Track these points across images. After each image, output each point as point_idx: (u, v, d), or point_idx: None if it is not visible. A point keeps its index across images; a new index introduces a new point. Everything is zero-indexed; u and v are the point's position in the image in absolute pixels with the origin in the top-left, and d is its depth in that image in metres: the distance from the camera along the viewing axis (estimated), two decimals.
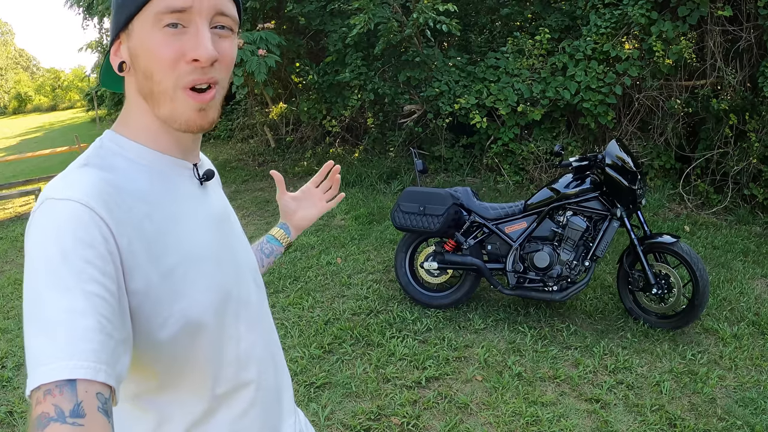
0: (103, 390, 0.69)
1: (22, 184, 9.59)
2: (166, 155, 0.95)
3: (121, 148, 0.91)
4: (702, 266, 3.69)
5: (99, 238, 0.77)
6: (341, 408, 3.23)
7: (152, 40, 0.84)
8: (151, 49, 0.84)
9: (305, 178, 8.80)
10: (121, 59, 0.90)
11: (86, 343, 0.69)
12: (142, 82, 0.88)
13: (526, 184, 7.32)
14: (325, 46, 8.34)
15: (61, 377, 0.66)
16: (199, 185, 1.00)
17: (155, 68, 0.85)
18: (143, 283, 0.83)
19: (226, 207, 1.09)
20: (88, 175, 0.84)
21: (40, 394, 0.66)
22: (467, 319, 4.14)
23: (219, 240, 0.99)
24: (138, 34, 0.86)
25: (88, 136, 17.75)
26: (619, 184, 3.79)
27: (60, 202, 0.77)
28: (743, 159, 6.33)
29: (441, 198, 4.09)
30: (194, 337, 0.90)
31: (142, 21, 0.85)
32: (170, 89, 0.86)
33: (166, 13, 0.83)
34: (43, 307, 0.70)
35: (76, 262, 0.73)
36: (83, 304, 0.71)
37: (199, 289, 0.90)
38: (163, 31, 0.84)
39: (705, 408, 3.12)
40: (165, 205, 0.90)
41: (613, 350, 3.68)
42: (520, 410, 3.13)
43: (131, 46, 0.87)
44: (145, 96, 0.90)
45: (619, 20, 6.77)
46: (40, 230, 0.76)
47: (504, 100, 7.12)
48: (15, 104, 44.16)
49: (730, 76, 6.42)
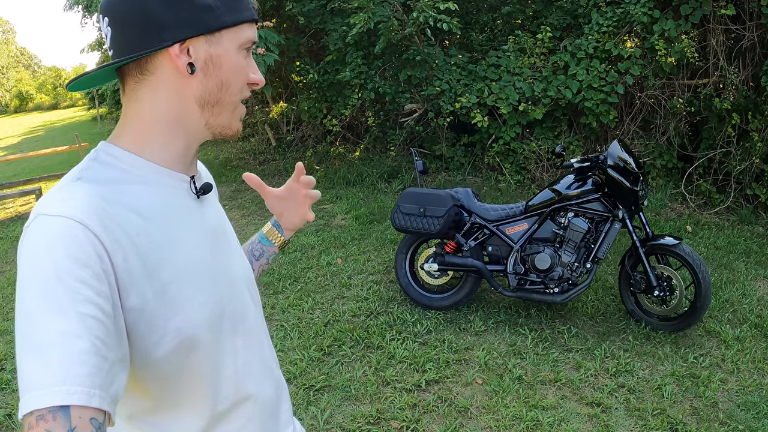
0: (97, 415, 0.69)
1: (23, 183, 9.58)
2: (163, 167, 0.93)
3: (117, 160, 0.90)
4: (704, 268, 3.66)
5: (93, 257, 0.76)
6: (340, 411, 3.21)
7: (238, 58, 0.93)
8: (237, 66, 0.93)
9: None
10: (191, 60, 0.89)
11: (80, 367, 0.68)
12: (213, 90, 0.92)
13: (527, 184, 7.29)
14: (325, 45, 8.32)
15: (54, 403, 0.66)
16: (195, 198, 0.99)
17: (234, 82, 0.94)
18: (138, 300, 0.82)
19: (222, 220, 1.08)
20: (82, 189, 0.82)
21: (33, 419, 0.65)
22: (468, 321, 4.12)
23: (214, 254, 0.98)
24: (226, 46, 0.91)
25: (89, 134, 17.78)
26: (621, 185, 3.75)
27: (53, 218, 0.76)
28: (746, 158, 6.29)
29: (441, 199, 4.06)
30: (190, 353, 0.90)
31: (232, 36, 0.91)
32: (236, 102, 0.96)
33: (249, 43, 0.94)
34: (36, 328, 0.69)
35: (70, 282, 0.72)
36: (77, 326, 0.70)
37: (194, 305, 0.89)
38: (243, 54, 0.94)
39: (707, 412, 3.09)
40: (160, 219, 0.89)
41: (615, 353, 3.65)
42: (521, 414, 3.10)
43: (215, 53, 0.90)
44: (208, 103, 0.93)
45: (621, 18, 6.74)
46: (33, 248, 0.75)
47: (505, 98, 7.09)
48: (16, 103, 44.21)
49: (733, 75, 6.38)
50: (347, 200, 7.35)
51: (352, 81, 7.81)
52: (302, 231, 6.30)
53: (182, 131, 0.93)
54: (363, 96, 7.95)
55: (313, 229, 6.35)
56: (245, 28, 0.92)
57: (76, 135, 11.43)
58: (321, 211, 7.10)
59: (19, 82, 48.83)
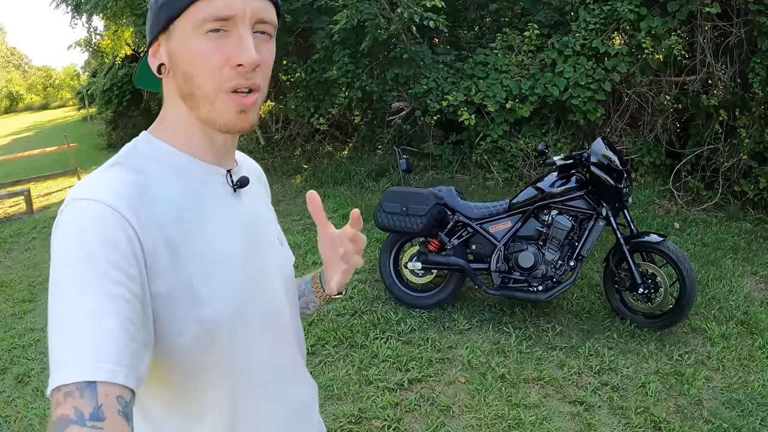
0: (124, 393, 0.70)
1: (11, 185, 9.52)
2: (199, 160, 0.94)
3: (155, 150, 0.91)
4: (689, 265, 3.64)
5: (124, 240, 0.77)
6: (323, 411, 3.17)
7: (195, 44, 0.84)
8: (194, 54, 0.85)
9: (294, 176, 8.77)
10: (161, 61, 0.90)
11: (109, 345, 0.70)
12: (182, 84, 0.88)
13: (515, 182, 7.26)
14: (313, 44, 8.27)
15: (82, 378, 0.67)
16: (231, 192, 0.98)
17: (197, 72, 0.86)
18: (165, 287, 0.82)
19: (261, 214, 1.07)
20: (117, 175, 0.84)
21: (61, 395, 0.66)
22: (452, 319, 4.09)
23: (247, 249, 0.96)
24: (179, 37, 0.86)
25: (79, 134, 17.68)
26: (605, 182, 3.73)
27: (86, 202, 0.78)
28: (733, 155, 6.28)
29: (423, 198, 4.03)
30: (213, 345, 0.88)
31: (183, 24, 0.85)
32: (211, 93, 0.86)
33: (210, 20, 0.83)
34: (66, 307, 0.71)
35: (101, 263, 0.74)
36: (107, 305, 0.72)
37: (219, 298, 0.88)
38: (207, 36, 0.84)
39: (691, 410, 3.07)
40: (193, 210, 0.89)
41: (599, 351, 3.63)
42: (503, 413, 3.08)
43: (171, 48, 0.88)
44: (184, 98, 0.90)
45: (609, 16, 6.71)
46: (66, 231, 0.77)
47: (492, 96, 7.05)
48: (6, 103, 43.86)
49: (720, 72, 6.37)
50: (335, 199, 7.31)
51: (340, 79, 7.76)
52: (289, 230, 6.26)
53: (195, 127, 0.93)
54: (350, 95, 7.91)
55: (300, 228, 6.32)
56: (197, 8, 0.83)
57: (65, 136, 11.35)
58: (308, 210, 7.03)
59: (9, 83, 48.47)
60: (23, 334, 4.40)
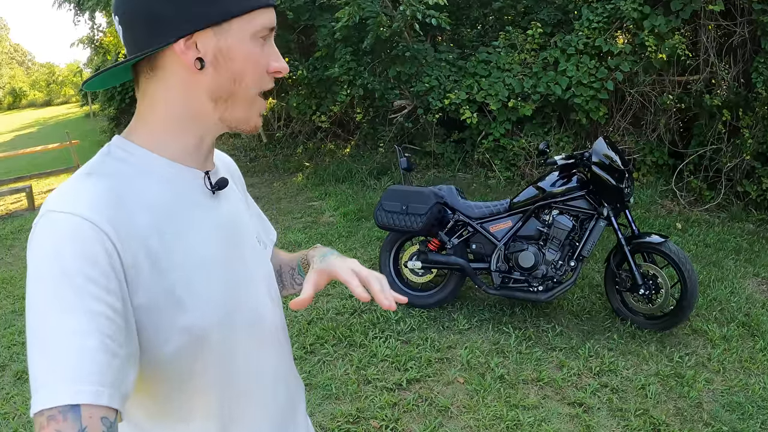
0: (108, 414, 0.69)
1: (13, 181, 9.52)
2: (176, 163, 0.91)
3: (130, 155, 0.88)
4: (690, 266, 3.62)
5: (102, 254, 0.75)
6: (320, 410, 3.17)
7: (252, 47, 0.87)
8: (251, 56, 0.87)
9: (296, 174, 8.76)
10: (199, 55, 0.85)
11: (90, 365, 0.68)
12: (225, 83, 0.87)
13: (517, 180, 7.24)
14: (315, 41, 8.26)
15: (65, 402, 0.66)
16: (210, 194, 0.96)
17: (249, 73, 0.88)
18: (146, 298, 0.80)
19: (241, 215, 1.04)
20: (93, 185, 0.81)
21: (44, 419, 0.65)
22: (451, 319, 4.07)
23: (228, 251, 0.95)
24: (237, 38, 0.86)
25: (82, 131, 17.68)
26: (606, 182, 3.71)
27: (62, 215, 0.75)
28: (736, 155, 6.25)
29: (424, 197, 4.01)
30: (200, 352, 0.87)
31: (242, 25, 0.86)
32: (252, 96, 0.90)
33: (267, 28, 0.88)
34: (45, 327, 0.70)
35: (79, 280, 0.72)
36: (87, 324, 0.70)
37: (203, 304, 0.87)
38: (259, 42, 0.88)
39: (691, 413, 3.05)
40: (171, 216, 0.87)
41: (599, 352, 3.61)
42: (501, 414, 3.06)
43: (224, 45, 0.86)
44: (221, 97, 0.88)
45: (612, 14, 6.69)
46: (41, 246, 0.75)
47: (495, 95, 7.03)
48: (10, 100, 43.86)
49: (724, 72, 6.34)
50: (336, 197, 7.30)
51: (341, 77, 7.75)
52: (289, 228, 6.25)
53: (195, 127, 0.91)
54: (352, 92, 7.90)
55: (300, 226, 6.31)
56: (258, 14, 0.86)
57: (67, 132, 11.34)
58: (309, 208, 7.05)
59: (13, 79, 48.56)
60: (23, 331, 4.34)
